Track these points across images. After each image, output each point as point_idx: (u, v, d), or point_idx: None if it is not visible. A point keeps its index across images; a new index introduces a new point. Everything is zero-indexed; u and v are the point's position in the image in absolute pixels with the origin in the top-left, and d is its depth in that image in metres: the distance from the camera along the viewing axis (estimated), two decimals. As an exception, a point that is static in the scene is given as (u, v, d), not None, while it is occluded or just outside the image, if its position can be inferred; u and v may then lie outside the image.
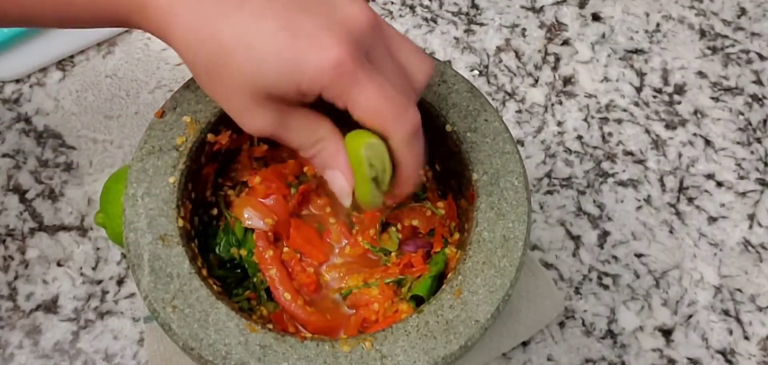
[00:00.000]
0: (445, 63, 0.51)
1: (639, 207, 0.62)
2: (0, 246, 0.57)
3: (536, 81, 0.68)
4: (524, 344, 0.56)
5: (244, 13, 0.37)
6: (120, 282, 0.56)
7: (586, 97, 0.68)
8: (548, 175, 0.63)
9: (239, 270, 0.49)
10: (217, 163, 0.50)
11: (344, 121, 0.40)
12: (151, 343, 0.52)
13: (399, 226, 0.50)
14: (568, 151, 0.65)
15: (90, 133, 0.62)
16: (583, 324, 0.57)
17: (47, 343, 0.54)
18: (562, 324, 0.57)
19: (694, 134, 0.66)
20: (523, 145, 0.65)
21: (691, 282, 0.59)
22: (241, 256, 0.49)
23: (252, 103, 0.38)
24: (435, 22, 0.71)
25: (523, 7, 0.73)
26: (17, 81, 0.65)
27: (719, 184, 0.64)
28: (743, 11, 0.74)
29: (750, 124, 0.67)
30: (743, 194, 0.64)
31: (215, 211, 0.50)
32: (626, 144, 0.65)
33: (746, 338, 0.58)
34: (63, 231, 0.58)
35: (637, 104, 0.68)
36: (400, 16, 0.71)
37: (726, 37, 0.72)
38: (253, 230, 0.49)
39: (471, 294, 0.42)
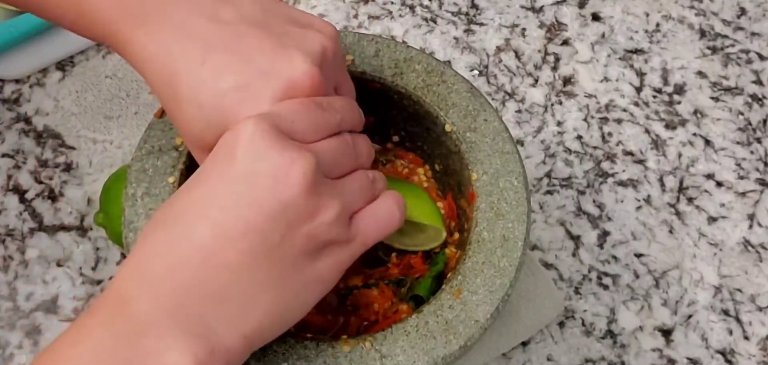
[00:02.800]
0: (445, 63, 0.51)
1: (639, 207, 0.62)
2: (0, 246, 0.57)
3: (536, 81, 0.68)
4: (524, 344, 0.56)
5: (206, 69, 0.38)
6: (120, 282, 0.56)
7: (585, 97, 0.68)
8: (548, 175, 0.63)
9: (239, 270, 0.49)
10: (217, 163, 0.50)
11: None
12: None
13: None
14: (568, 150, 0.65)
15: (90, 133, 0.62)
16: (583, 324, 0.57)
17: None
18: (561, 324, 0.57)
19: (694, 134, 0.66)
20: (522, 145, 0.65)
21: (691, 282, 0.59)
22: (241, 256, 0.49)
23: (199, 150, 0.40)
24: (435, 22, 0.71)
25: (522, 7, 0.73)
26: (17, 81, 0.65)
27: (719, 184, 0.64)
28: (743, 11, 0.74)
29: (750, 124, 0.67)
30: (743, 194, 0.64)
31: (215, 211, 0.50)
32: (626, 144, 0.65)
33: (746, 338, 0.57)
34: (63, 231, 0.58)
35: (636, 104, 0.68)
36: (400, 16, 0.71)
37: (726, 37, 0.72)
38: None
39: (471, 294, 0.42)
